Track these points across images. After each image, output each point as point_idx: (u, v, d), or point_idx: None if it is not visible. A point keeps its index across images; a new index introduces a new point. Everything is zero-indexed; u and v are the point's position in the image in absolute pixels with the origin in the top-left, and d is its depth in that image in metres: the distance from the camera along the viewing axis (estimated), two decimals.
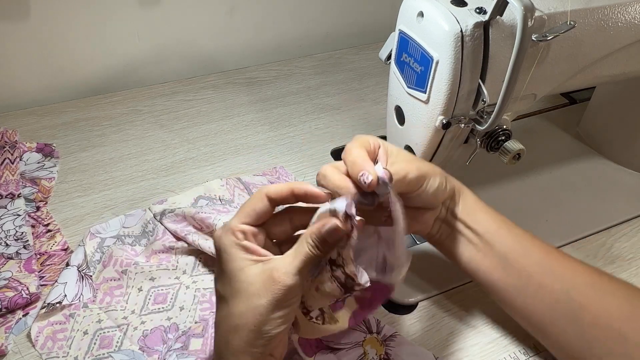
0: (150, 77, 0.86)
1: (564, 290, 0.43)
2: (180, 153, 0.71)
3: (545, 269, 0.44)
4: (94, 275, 0.54)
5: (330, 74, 0.89)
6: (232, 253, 0.37)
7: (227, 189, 0.63)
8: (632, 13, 0.49)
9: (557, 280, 0.43)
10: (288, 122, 0.78)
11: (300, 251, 0.37)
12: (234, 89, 0.84)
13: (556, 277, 0.44)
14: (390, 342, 0.49)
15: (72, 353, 0.48)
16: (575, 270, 0.44)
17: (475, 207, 0.47)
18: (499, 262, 0.45)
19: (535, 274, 0.44)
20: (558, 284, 0.43)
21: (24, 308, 0.51)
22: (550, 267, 0.44)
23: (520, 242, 0.46)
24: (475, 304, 0.53)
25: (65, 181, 0.66)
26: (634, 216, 0.63)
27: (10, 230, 0.57)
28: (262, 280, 0.36)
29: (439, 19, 0.43)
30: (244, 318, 0.36)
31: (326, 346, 0.48)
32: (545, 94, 0.52)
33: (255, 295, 0.36)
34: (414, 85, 0.48)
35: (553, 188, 0.66)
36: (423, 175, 0.42)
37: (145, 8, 0.80)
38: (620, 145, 0.70)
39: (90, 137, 0.73)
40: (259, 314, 0.36)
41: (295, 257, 0.36)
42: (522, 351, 0.50)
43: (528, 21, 0.39)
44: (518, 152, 0.49)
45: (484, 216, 0.46)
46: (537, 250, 0.45)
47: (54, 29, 0.76)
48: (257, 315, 0.36)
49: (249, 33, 0.90)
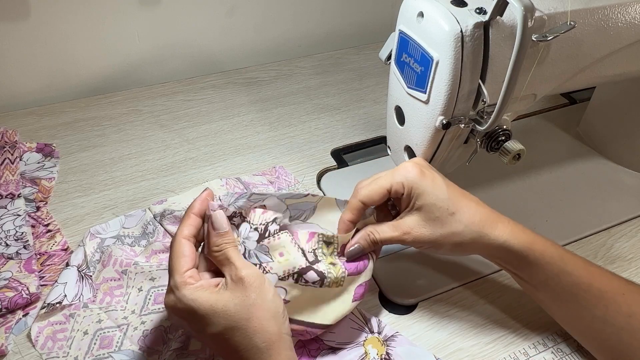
0: (151, 77, 0.86)
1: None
2: (180, 153, 0.71)
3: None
4: (94, 275, 0.54)
5: (330, 74, 0.89)
6: (202, 297, 0.39)
7: (227, 189, 0.63)
8: (632, 13, 0.49)
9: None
10: (288, 122, 0.78)
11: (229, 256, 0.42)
12: (234, 89, 0.84)
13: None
14: (391, 342, 0.49)
15: (72, 353, 0.48)
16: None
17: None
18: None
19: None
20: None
21: (24, 308, 0.51)
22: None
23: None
24: (475, 304, 0.53)
25: (65, 181, 0.66)
26: (634, 216, 0.63)
27: (10, 230, 0.57)
28: (241, 289, 0.40)
29: (439, 19, 0.43)
30: (264, 321, 0.39)
31: (327, 346, 0.48)
32: (545, 94, 0.52)
33: (251, 301, 0.39)
34: (414, 86, 0.48)
35: (553, 188, 0.66)
36: (423, 245, 0.46)
37: (145, 8, 0.80)
38: (620, 145, 0.69)
39: (90, 137, 0.73)
40: (267, 309, 0.40)
41: (236, 260, 0.41)
42: (523, 351, 0.49)
43: (528, 21, 0.39)
44: (518, 152, 0.49)
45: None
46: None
47: (54, 29, 0.76)
48: (268, 310, 0.40)
49: (249, 33, 0.90)
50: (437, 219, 0.45)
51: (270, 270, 0.43)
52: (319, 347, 0.48)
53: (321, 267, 0.44)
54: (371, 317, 0.51)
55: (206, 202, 0.43)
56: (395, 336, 0.50)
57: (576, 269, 0.45)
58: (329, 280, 0.44)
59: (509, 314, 0.52)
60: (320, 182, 0.68)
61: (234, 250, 0.42)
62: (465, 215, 0.45)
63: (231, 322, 0.39)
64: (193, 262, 0.41)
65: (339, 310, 0.46)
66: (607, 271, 0.46)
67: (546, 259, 0.44)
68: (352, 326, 0.50)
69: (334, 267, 0.45)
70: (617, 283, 0.45)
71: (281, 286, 0.43)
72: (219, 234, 0.42)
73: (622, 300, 0.43)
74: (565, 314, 0.47)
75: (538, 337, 0.50)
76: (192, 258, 0.41)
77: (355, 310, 0.51)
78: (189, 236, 0.42)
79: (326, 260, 0.45)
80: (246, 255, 0.43)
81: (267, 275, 0.43)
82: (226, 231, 0.42)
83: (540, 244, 0.45)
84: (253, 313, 0.39)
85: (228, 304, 0.39)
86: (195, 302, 0.39)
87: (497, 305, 0.53)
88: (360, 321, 0.51)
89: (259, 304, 0.39)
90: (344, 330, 0.50)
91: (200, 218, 0.43)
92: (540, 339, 0.50)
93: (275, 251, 0.43)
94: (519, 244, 0.44)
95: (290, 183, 0.66)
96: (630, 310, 0.43)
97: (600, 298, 0.44)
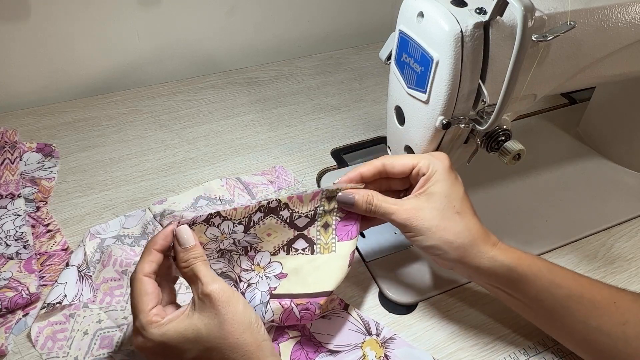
0: (151, 77, 0.86)
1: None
2: (180, 153, 0.71)
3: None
4: (94, 276, 0.54)
5: (330, 74, 0.89)
6: (170, 329, 0.38)
7: (227, 189, 0.63)
8: (632, 13, 0.49)
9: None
10: (288, 122, 0.78)
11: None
12: (234, 89, 0.84)
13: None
14: (389, 344, 0.49)
15: (72, 353, 0.48)
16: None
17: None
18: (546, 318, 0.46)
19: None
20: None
21: (24, 308, 0.51)
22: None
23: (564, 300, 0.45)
24: (475, 304, 0.53)
25: (65, 181, 0.66)
26: (634, 216, 0.63)
27: (10, 231, 0.57)
28: (209, 307, 0.39)
29: (439, 19, 0.43)
30: (238, 335, 0.39)
31: (325, 349, 0.48)
32: (545, 94, 0.52)
33: (222, 318, 0.39)
34: (414, 86, 0.48)
35: (553, 188, 0.66)
36: (412, 228, 0.45)
37: (145, 8, 0.80)
38: (620, 145, 0.69)
39: (90, 137, 0.73)
40: (239, 322, 0.39)
41: (203, 276, 0.40)
42: (522, 351, 0.50)
43: (528, 21, 0.39)
44: (518, 152, 0.48)
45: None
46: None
47: (54, 29, 0.76)
48: (241, 323, 0.39)
49: (249, 33, 0.90)
50: (441, 211, 0.45)
51: (261, 248, 0.46)
52: (317, 350, 0.48)
53: (312, 232, 0.46)
54: (369, 320, 0.51)
55: (169, 239, 0.42)
56: (393, 338, 0.50)
57: (565, 280, 0.45)
58: (319, 246, 0.46)
59: (508, 314, 0.52)
60: (320, 182, 0.68)
61: (202, 264, 0.41)
62: (467, 221, 0.45)
63: (205, 344, 0.38)
64: (157, 299, 0.40)
65: (338, 275, 0.47)
66: (595, 280, 0.46)
67: (534, 272, 0.44)
68: (350, 328, 0.50)
69: (325, 231, 0.47)
70: (607, 292, 0.45)
71: (275, 261, 0.46)
72: (186, 249, 0.41)
73: (614, 309, 0.43)
74: (559, 328, 0.46)
75: (538, 337, 0.50)
76: (156, 295, 0.40)
77: (353, 312, 0.51)
78: (149, 273, 0.41)
79: (321, 220, 0.47)
80: (236, 244, 0.45)
81: (258, 253, 0.46)
82: (193, 245, 0.41)
83: (528, 258, 0.45)
84: (226, 329, 0.38)
85: (198, 326, 0.38)
86: (165, 336, 0.38)
87: (497, 306, 0.53)
88: (358, 323, 0.51)
89: (230, 318, 0.38)
90: (342, 332, 0.50)
91: (162, 254, 0.42)
92: (540, 339, 0.50)
93: (263, 233, 0.46)
94: (507, 258, 0.44)
95: (290, 183, 0.66)
96: (623, 319, 0.43)
97: (592, 308, 0.44)
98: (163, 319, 0.39)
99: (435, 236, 0.44)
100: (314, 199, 0.46)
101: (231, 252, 0.46)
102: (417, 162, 0.47)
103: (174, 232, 0.42)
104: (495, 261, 0.44)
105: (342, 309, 0.52)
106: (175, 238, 0.42)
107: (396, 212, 0.45)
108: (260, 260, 0.46)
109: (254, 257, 0.46)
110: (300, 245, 0.47)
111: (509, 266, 0.44)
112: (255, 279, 0.46)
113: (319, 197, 0.47)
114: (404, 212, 0.45)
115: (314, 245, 0.47)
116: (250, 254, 0.46)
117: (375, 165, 0.47)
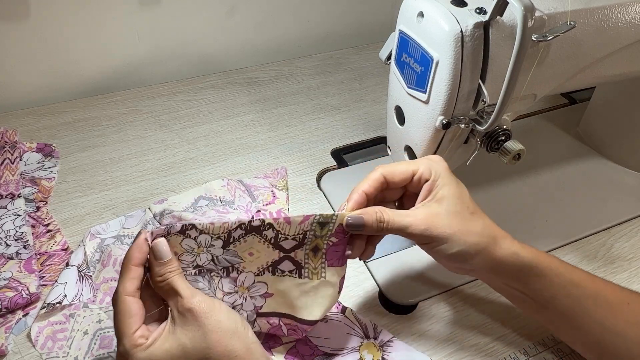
0: (150, 77, 0.86)
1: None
2: (180, 153, 0.71)
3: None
4: (94, 275, 0.54)
5: (330, 74, 0.89)
6: (156, 351, 0.38)
7: (227, 190, 0.63)
8: (632, 13, 0.49)
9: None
10: (288, 122, 0.78)
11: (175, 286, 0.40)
12: (234, 89, 0.84)
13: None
14: (387, 347, 0.49)
15: (72, 353, 0.48)
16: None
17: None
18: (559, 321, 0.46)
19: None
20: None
21: (24, 308, 0.51)
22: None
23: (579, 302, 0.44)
24: (475, 304, 0.53)
25: (65, 181, 0.66)
26: (634, 216, 0.63)
27: (10, 230, 0.57)
28: (192, 320, 0.38)
29: (439, 19, 0.43)
30: (225, 342, 0.38)
31: (322, 352, 0.48)
32: (545, 94, 0.52)
33: (206, 329, 0.38)
34: (414, 86, 0.48)
35: (553, 188, 0.66)
36: (435, 237, 0.42)
37: (145, 8, 0.80)
38: (620, 145, 0.69)
39: (90, 137, 0.73)
40: (225, 329, 0.39)
41: (182, 290, 0.39)
42: (523, 351, 0.50)
43: (528, 21, 0.39)
44: (518, 152, 0.48)
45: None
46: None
47: (54, 29, 0.76)
48: (227, 330, 0.39)
49: (249, 33, 0.90)
50: (458, 213, 0.42)
51: (244, 269, 0.43)
52: (313, 352, 0.48)
53: (299, 255, 0.43)
54: (367, 322, 0.51)
55: (145, 249, 0.40)
56: (391, 341, 0.49)
57: (582, 280, 0.44)
58: (307, 270, 0.43)
59: (509, 313, 0.52)
60: (320, 182, 0.68)
61: (179, 278, 0.40)
62: (483, 219, 0.43)
63: (193, 357, 0.38)
64: (141, 319, 0.39)
65: (326, 305, 0.44)
66: (608, 281, 0.45)
67: (553, 269, 0.43)
68: (347, 331, 0.50)
69: (314, 255, 0.43)
70: (620, 293, 0.44)
71: (260, 281, 0.43)
72: (162, 263, 0.40)
73: (629, 309, 0.43)
74: (574, 328, 0.45)
75: (538, 337, 0.50)
76: (140, 315, 0.39)
77: (350, 315, 0.51)
78: (132, 292, 0.39)
79: (311, 244, 0.43)
80: (215, 261, 0.42)
81: (241, 274, 0.43)
82: (169, 259, 0.40)
83: (546, 256, 0.44)
84: (212, 339, 0.38)
85: (183, 341, 0.38)
86: (152, 358, 0.37)
87: (497, 306, 0.53)
88: (356, 326, 0.50)
89: (215, 328, 0.38)
90: (338, 335, 0.49)
91: (141, 268, 0.40)
92: (540, 339, 0.50)
93: (245, 252, 0.43)
94: (528, 254, 0.43)
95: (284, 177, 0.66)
96: (637, 319, 0.42)
97: (608, 309, 0.43)
98: (147, 340, 0.38)
99: (460, 241, 0.42)
100: (303, 223, 0.42)
101: (211, 272, 0.43)
102: (417, 168, 0.44)
103: (148, 244, 0.40)
104: (517, 256, 0.43)
105: (340, 312, 0.51)
106: (151, 251, 0.40)
107: (412, 224, 0.41)
108: (244, 281, 0.44)
109: (237, 278, 0.44)
110: (286, 267, 0.43)
111: (530, 263, 0.43)
112: (239, 300, 0.44)
113: (309, 222, 0.42)
114: (420, 222, 0.41)
115: (301, 268, 0.43)
116: (232, 275, 0.43)
117: (375, 178, 0.44)
